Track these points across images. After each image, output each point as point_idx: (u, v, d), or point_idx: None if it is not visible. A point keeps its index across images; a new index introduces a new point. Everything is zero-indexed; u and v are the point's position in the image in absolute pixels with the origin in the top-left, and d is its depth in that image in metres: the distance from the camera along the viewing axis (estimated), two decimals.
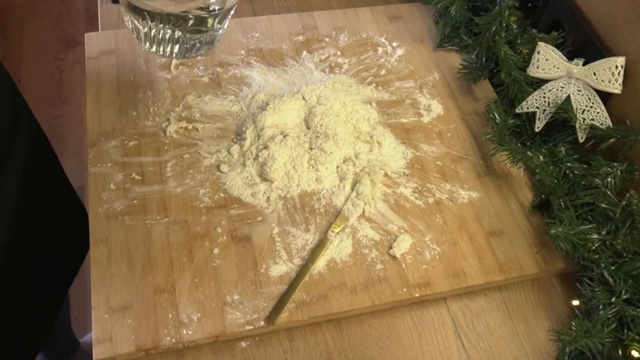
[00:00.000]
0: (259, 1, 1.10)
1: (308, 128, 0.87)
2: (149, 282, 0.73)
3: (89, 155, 0.84)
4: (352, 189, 0.83)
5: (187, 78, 0.93)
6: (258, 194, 0.82)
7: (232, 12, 0.82)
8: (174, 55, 0.82)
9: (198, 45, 0.82)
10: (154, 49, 0.81)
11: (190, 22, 0.77)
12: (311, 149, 0.84)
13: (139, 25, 0.79)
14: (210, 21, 0.78)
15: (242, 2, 1.09)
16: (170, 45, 0.80)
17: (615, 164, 0.76)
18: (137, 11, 0.77)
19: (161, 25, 0.77)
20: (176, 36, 0.78)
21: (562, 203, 0.78)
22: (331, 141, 0.84)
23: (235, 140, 0.87)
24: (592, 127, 0.80)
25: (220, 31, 0.82)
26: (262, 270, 0.75)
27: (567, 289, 0.79)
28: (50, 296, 1.07)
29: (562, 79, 0.83)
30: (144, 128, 0.87)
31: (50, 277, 1.06)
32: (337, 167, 0.84)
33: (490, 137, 0.85)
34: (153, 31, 0.78)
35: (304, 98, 0.89)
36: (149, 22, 0.77)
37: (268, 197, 0.81)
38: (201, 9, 0.77)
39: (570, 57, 0.84)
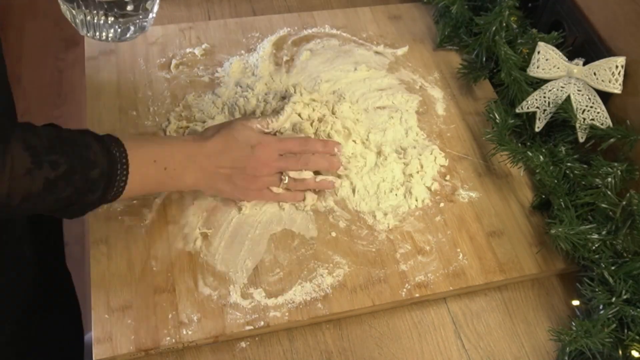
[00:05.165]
0: (259, 1, 1.10)
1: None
2: (148, 282, 0.73)
3: None
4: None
5: (187, 78, 0.93)
6: None
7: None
8: (109, 38, 0.92)
9: (132, 29, 0.92)
10: (90, 33, 0.92)
11: (129, 7, 0.88)
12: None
13: (74, 12, 0.88)
14: (134, 5, 0.89)
15: (242, 2, 1.09)
16: (105, 30, 0.91)
17: (615, 164, 0.76)
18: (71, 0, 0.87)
19: (95, 11, 0.87)
20: (109, 21, 0.88)
21: (562, 203, 0.78)
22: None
23: None
24: (592, 127, 0.80)
25: (150, 15, 0.92)
26: None
27: (567, 289, 0.79)
28: None
29: (562, 79, 0.83)
30: (144, 128, 0.87)
31: None
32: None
33: (490, 137, 0.84)
34: (88, 17, 0.88)
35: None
36: (84, 9, 0.87)
37: None
38: None
39: (570, 57, 0.84)
